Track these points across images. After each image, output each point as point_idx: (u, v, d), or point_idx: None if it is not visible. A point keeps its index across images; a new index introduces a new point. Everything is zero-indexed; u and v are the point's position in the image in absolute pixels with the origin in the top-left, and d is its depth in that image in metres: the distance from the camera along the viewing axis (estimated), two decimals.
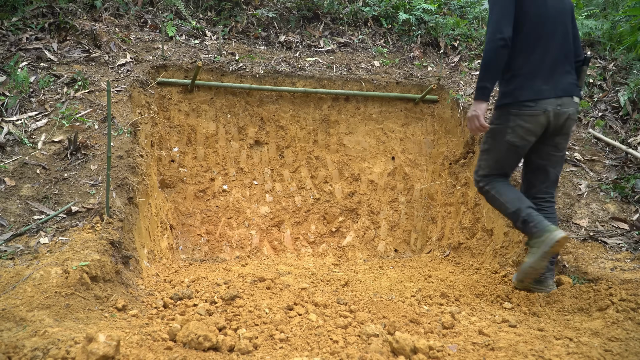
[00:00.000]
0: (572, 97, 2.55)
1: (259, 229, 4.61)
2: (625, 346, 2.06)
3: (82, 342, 1.71)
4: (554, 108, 2.50)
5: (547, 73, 2.51)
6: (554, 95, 2.48)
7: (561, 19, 2.58)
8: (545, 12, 2.52)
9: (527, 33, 2.51)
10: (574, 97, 2.57)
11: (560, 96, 2.50)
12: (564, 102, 2.52)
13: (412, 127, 5.09)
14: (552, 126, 2.54)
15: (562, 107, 2.52)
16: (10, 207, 2.95)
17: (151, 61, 4.51)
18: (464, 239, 4.30)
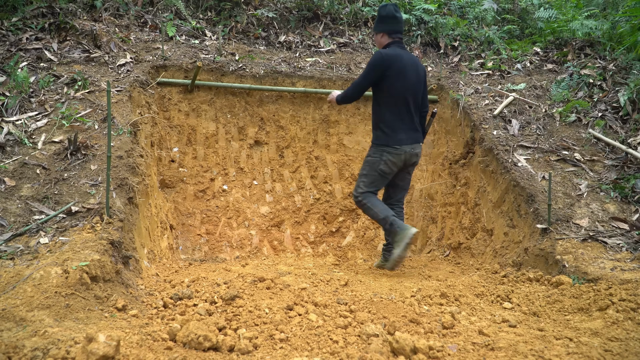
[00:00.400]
0: (419, 144, 3.66)
1: (259, 229, 4.61)
2: (625, 346, 2.06)
3: (82, 342, 1.71)
4: (409, 150, 3.59)
5: (405, 128, 3.59)
6: (409, 143, 3.59)
7: (416, 87, 3.56)
8: (404, 85, 3.50)
9: (394, 98, 3.51)
10: (419, 144, 3.67)
11: (411, 144, 3.60)
12: (414, 147, 3.61)
13: None
14: (407, 161, 3.65)
15: (412, 150, 3.61)
16: (10, 207, 2.95)
17: (151, 61, 4.51)
18: (464, 239, 4.30)
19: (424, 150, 5.05)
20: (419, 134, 3.67)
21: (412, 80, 3.51)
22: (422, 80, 3.62)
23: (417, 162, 3.74)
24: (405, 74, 3.47)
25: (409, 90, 3.51)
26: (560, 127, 4.36)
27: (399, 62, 3.44)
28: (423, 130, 3.77)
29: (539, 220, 3.44)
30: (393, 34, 3.52)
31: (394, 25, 3.51)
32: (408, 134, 3.57)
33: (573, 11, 5.95)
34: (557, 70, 5.21)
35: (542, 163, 3.96)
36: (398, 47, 3.52)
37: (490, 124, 4.41)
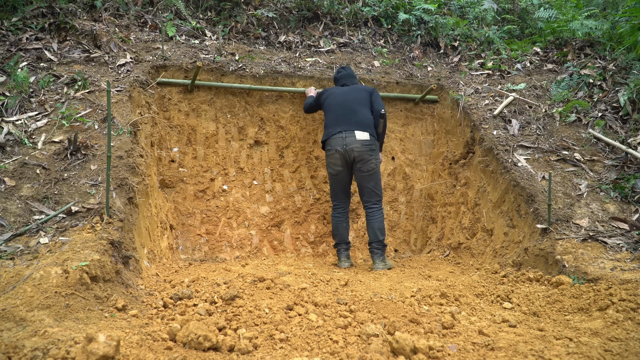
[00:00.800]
0: (354, 132, 3.94)
1: (259, 229, 4.60)
2: (625, 346, 2.06)
3: (82, 342, 1.71)
4: (341, 147, 3.95)
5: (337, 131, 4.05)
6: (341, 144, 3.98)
7: (349, 105, 4.08)
8: (337, 103, 4.12)
9: (329, 113, 4.12)
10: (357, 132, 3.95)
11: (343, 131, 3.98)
12: (347, 142, 3.93)
13: (412, 127, 5.09)
14: (348, 158, 3.98)
15: (347, 146, 3.93)
16: (10, 207, 2.95)
17: (151, 61, 4.51)
18: (464, 239, 4.30)
19: (424, 150, 5.05)
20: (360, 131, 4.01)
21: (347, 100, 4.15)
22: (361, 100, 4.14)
23: (364, 156, 3.94)
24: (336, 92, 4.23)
25: (344, 107, 4.11)
26: (560, 127, 4.36)
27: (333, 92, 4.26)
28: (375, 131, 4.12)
29: (539, 220, 3.44)
30: (336, 82, 4.42)
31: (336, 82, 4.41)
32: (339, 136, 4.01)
33: (573, 11, 5.95)
34: (557, 70, 5.21)
35: (542, 163, 3.96)
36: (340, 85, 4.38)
37: (490, 124, 4.41)
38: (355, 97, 4.13)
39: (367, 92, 4.20)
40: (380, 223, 3.99)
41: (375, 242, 3.96)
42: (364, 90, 4.21)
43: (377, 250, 3.96)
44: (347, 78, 4.39)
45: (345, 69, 4.45)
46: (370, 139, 3.96)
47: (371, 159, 3.95)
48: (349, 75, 4.42)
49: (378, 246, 3.96)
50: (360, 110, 4.04)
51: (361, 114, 4.02)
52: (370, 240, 4.00)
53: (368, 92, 4.21)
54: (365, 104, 4.11)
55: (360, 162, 3.95)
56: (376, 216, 3.99)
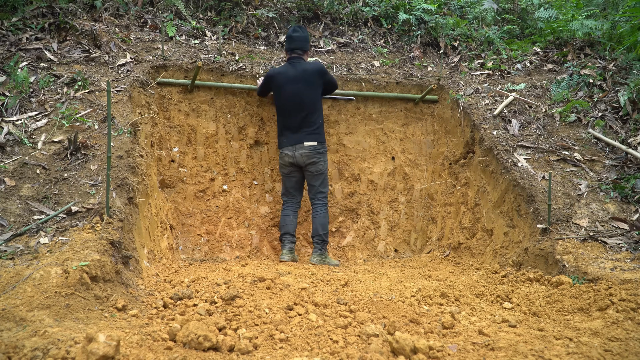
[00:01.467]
0: (303, 144, 4.14)
1: (259, 229, 4.61)
2: (625, 346, 2.06)
3: (82, 342, 1.71)
4: (291, 152, 4.18)
5: (288, 133, 4.24)
6: (289, 145, 4.20)
7: (298, 106, 4.14)
8: (286, 103, 4.20)
9: (280, 115, 4.28)
10: (305, 143, 4.15)
11: (293, 144, 4.17)
12: (296, 148, 4.16)
13: (412, 127, 5.09)
14: (297, 161, 4.20)
15: (296, 151, 4.16)
16: (10, 207, 2.95)
17: (151, 61, 4.51)
18: (464, 239, 4.30)
19: (424, 150, 5.05)
20: (305, 136, 4.16)
21: (292, 90, 4.14)
22: (309, 82, 4.15)
23: (311, 160, 4.16)
24: (284, 86, 4.17)
25: (292, 105, 4.16)
26: (560, 127, 4.36)
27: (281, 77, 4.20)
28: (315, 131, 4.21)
29: (539, 220, 3.44)
30: (288, 51, 4.30)
31: (288, 44, 4.28)
32: (289, 139, 4.19)
33: (573, 11, 5.95)
34: (557, 70, 5.21)
35: (542, 163, 3.96)
36: (289, 63, 4.26)
37: (490, 124, 4.42)
38: (304, 98, 4.14)
39: (319, 84, 4.20)
40: (322, 219, 4.18)
41: (316, 236, 4.14)
42: (313, 78, 4.16)
43: (317, 244, 4.14)
44: (300, 45, 4.24)
45: (299, 31, 4.27)
46: (318, 145, 4.17)
47: (319, 162, 4.18)
48: (303, 39, 4.25)
49: (318, 240, 4.13)
50: (309, 115, 4.16)
51: (308, 120, 4.16)
52: (312, 234, 4.19)
53: (319, 81, 4.20)
54: (316, 103, 4.19)
55: (309, 164, 4.18)
56: (320, 212, 4.20)
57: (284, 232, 4.21)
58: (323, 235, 4.13)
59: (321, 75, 4.19)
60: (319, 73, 4.18)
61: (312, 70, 4.17)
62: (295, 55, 4.25)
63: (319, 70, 4.18)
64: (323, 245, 4.14)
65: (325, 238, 4.15)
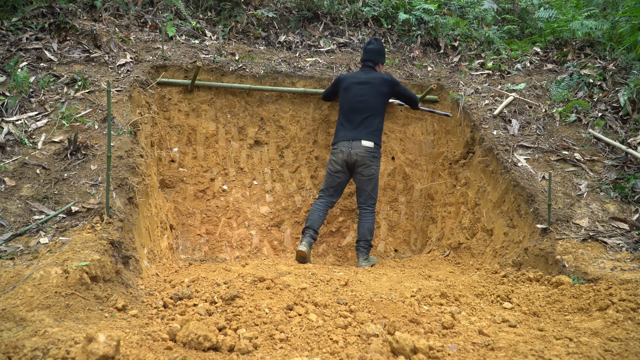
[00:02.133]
0: (360, 141, 4.14)
1: (259, 229, 4.61)
2: (625, 346, 2.06)
3: (82, 342, 1.71)
4: (347, 149, 4.15)
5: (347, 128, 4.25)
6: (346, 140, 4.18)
7: (361, 108, 4.20)
8: (350, 103, 4.25)
9: (342, 114, 4.31)
10: (362, 141, 4.15)
11: (350, 140, 4.16)
12: (353, 145, 4.15)
13: (412, 127, 5.09)
14: (350, 159, 4.17)
15: (352, 149, 4.14)
16: (10, 207, 2.95)
17: (151, 61, 4.51)
18: (464, 239, 4.30)
19: (424, 150, 5.06)
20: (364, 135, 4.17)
21: (359, 91, 4.23)
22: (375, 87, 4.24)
23: (364, 162, 4.15)
24: (351, 87, 4.27)
25: (356, 103, 4.23)
26: (560, 127, 4.36)
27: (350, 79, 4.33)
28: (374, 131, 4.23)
29: (539, 220, 3.44)
30: (362, 62, 4.45)
31: (363, 55, 4.44)
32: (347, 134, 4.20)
33: (573, 11, 5.95)
34: (557, 70, 5.21)
35: (542, 163, 3.96)
36: (361, 70, 4.40)
37: (490, 124, 4.42)
38: (370, 100, 4.21)
39: (385, 92, 4.26)
40: (370, 224, 4.19)
41: (363, 240, 4.16)
42: (381, 85, 4.24)
43: (363, 248, 4.16)
44: (371, 56, 4.36)
45: (374, 43, 4.40)
46: (374, 147, 4.17)
47: (372, 165, 4.17)
48: (375, 52, 4.37)
49: (365, 245, 4.16)
50: (371, 117, 4.20)
51: (370, 122, 4.19)
52: (359, 238, 4.19)
53: (386, 89, 4.26)
54: (379, 107, 4.24)
55: (362, 166, 4.16)
56: (368, 218, 4.21)
57: (308, 225, 4.12)
58: (370, 241, 4.18)
59: (390, 85, 4.26)
60: (388, 82, 4.26)
61: (380, 78, 4.27)
62: (366, 66, 4.38)
63: (388, 79, 4.27)
64: (369, 249, 4.19)
65: (371, 243, 4.21)
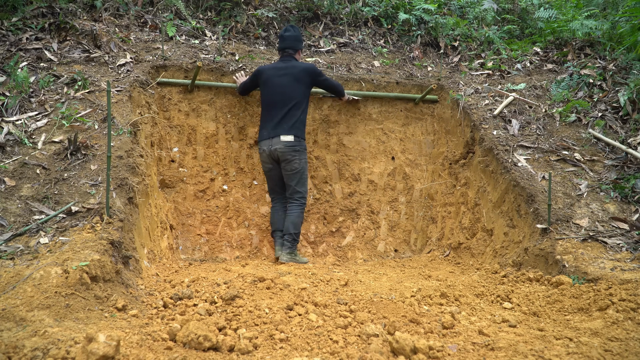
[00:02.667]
0: (279, 137, 4.09)
1: (259, 229, 4.61)
2: (625, 346, 2.06)
3: (82, 342, 1.71)
4: (267, 147, 4.13)
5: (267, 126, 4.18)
6: (267, 138, 4.15)
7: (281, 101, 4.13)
8: (270, 97, 4.20)
9: (263, 109, 4.26)
10: (281, 137, 4.09)
11: (271, 137, 4.12)
12: (273, 142, 4.10)
13: (412, 127, 5.09)
14: (272, 156, 4.16)
15: (272, 146, 4.10)
16: (10, 207, 2.95)
17: (151, 61, 4.51)
18: (464, 239, 4.30)
19: (424, 150, 5.06)
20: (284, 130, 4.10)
21: (278, 83, 4.15)
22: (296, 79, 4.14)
23: (286, 157, 4.10)
24: (270, 80, 4.18)
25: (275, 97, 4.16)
26: (560, 127, 4.36)
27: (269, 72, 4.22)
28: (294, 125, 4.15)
29: (539, 220, 3.44)
30: (280, 50, 4.34)
31: (280, 43, 4.33)
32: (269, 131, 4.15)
33: (573, 11, 5.95)
34: (557, 70, 5.21)
35: (542, 163, 3.96)
36: (280, 60, 4.30)
37: (490, 124, 4.42)
38: (289, 91, 4.13)
39: (306, 82, 4.17)
40: (296, 218, 4.15)
41: (287, 234, 4.12)
42: (301, 75, 4.15)
43: (287, 242, 4.11)
44: (290, 44, 4.26)
45: (290, 30, 4.29)
46: (295, 141, 4.11)
47: (294, 160, 4.11)
48: (293, 38, 4.27)
49: (289, 238, 4.11)
50: (292, 109, 4.13)
51: (291, 114, 4.12)
52: (284, 232, 4.15)
53: (307, 79, 4.17)
54: (300, 98, 4.15)
55: (284, 162, 4.13)
56: (294, 211, 4.18)
57: (274, 230, 4.25)
58: (294, 234, 4.11)
59: (311, 74, 4.18)
60: (309, 71, 4.17)
61: (300, 67, 4.18)
62: (286, 55, 4.28)
63: (309, 69, 4.18)
64: (293, 243, 4.12)
65: (296, 237, 4.13)
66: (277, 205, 4.33)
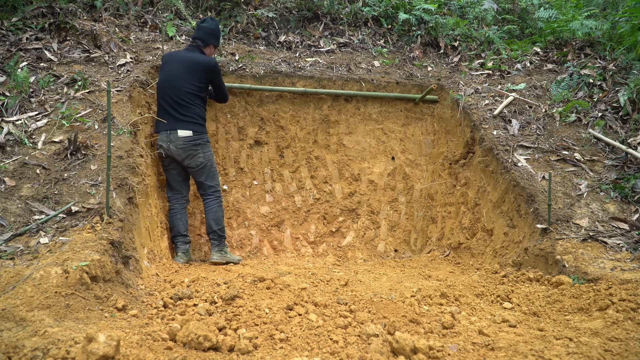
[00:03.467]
0: (177, 132, 3.80)
1: (259, 229, 4.61)
2: (625, 346, 2.06)
3: (82, 342, 1.71)
4: (166, 143, 3.83)
5: (163, 116, 3.88)
6: (164, 130, 3.85)
7: (176, 92, 3.84)
8: (166, 85, 3.89)
9: (159, 97, 3.92)
10: (179, 132, 3.80)
11: (167, 130, 3.83)
12: (171, 138, 3.81)
13: (412, 127, 5.09)
14: (172, 155, 3.87)
15: (170, 142, 3.81)
16: (10, 207, 2.95)
17: (151, 61, 4.51)
18: (464, 239, 4.30)
19: (424, 150, 5.05)
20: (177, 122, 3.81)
21: (172, 70, 3.88)
22: (190, 71, 3.85)
23: (186, 153, 3.83)
24: (167, 64, 3.93)
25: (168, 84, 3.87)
26: (560, 127, 4.36)
27: (168, 57, 4.00)
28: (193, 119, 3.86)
29: (539, 220, 3.44)
30: (191, 39, 4.11)
31: (194, 32, 4.10)
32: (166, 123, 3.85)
33: (573, 11, 5.95)
34: (557, 70, 5.21)
35: (542, 163, 3.96)
36: (186, 49, 4.08)
37: (490, 124, 4.42)
38: (183, 83, 3.83)
39: (201, 78, 3.88)
40: (214, 213, 3.92)
41: (211, 232, 3.92)
42: (199, 69, 3.87)
43: (214, 240, 3.92)
44: (202, 35, 4.01)
45: (209, 22, 4.05)
46: (194, 136, 3.83)
47: (197, 154, 3.86)
48: (208, 31, 4.01)
49: (214, 237, 3.91)
50: (187, 101, 3.84)
51: (186, 107, 3.84)
52: (207, 231, 3.96)
53: (203, 75, 3.89)
54: (195, 91, 3.87)
55: (187, 158, 3.86)
56: (211, 207, 3.95)
57: (175, 234, 3.97)
58: (218, 230, 3.91)
59: (209, 72, 3.90)
60: (208, 68, 3.89)
61: (202, 61, 3.90)
62: (193, 45, 4.04)
63: (209, 66, 3.90)
64: (221, 240, 3.92)
65: (221, 233, 3.92)
66: (176, 206, 4.02)
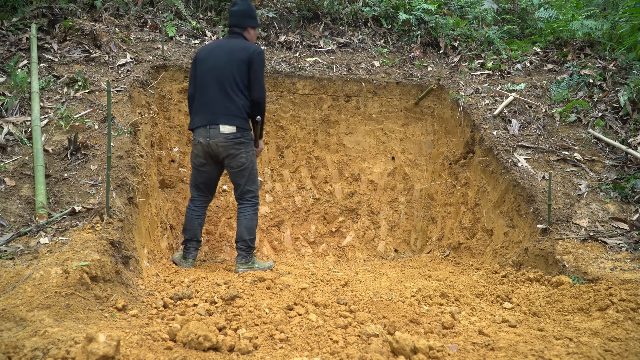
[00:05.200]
0: (218, 127, 3.40)
1: (259, 229, 4.61)
2: (625, 346, 2.06)
3: (82, 342, 1.71)
4: (204, 139, 3.43)
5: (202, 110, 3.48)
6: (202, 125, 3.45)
7: (218, 83, 3.44)
8: (207, 77, 3.48)
9: (198, 90, 3.53)
10: (221, 127, 3.40)
11: (206, 125, 3.42)
12: (211, 133, 3.41)
13: (412, 127, 5.09)
14: (212, 151, 3.48)
15: (210, 138, 3.41)
16: (10, 207, 2.95)
17: (151, 61, 4.51)
18: (464, 239, 4.30)
19: (424, 150, 5.05)
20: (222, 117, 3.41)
21: (213, 62, 3.48)
22: (233, 65, 3.43)
23: (228, 151, 3.44)
24: (206, 59, 3.53)
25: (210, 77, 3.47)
26: (560, 127, 4.36)
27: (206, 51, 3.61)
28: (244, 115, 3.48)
29: (539, 220, 3.44)
30: (229, 27, 3.70)
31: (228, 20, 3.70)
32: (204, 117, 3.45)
33: (573, 11, 5.95)
34: (557, 70, 5.21)
35: (542, 163, 3.96)
36: (225, 38, 3.74)
37: (490, 124, 4.42)
38: (227, 72, 3.43)
39: (245, 63, 3.44)
40: (249, 221, 3.55)
41: (241, 241, 3.54)
42: (243, 56, 3.44)
43: (241, 251, 3.54)
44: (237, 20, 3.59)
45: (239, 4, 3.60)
46: (237, 132, 3.42)
47: (239, 153, 3.45)
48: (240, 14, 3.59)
49: (242, 246, 3.53)
50: (230, 93, 3.42)
51: (230, 100, 3.42)
52: (236, 239, 3.57)
53: (246, 61, 3.44)
54: (239, 81, 3.44)
55: (227, 157, 3.47)
56: (246, 213, 3.56)
57: (189, 237, 3.65)
58: (249, 240, 3.52)
59: (248, 63, 3.45)
60: (254, 55, 3.46)
61: (241, 47, 3.49)
62: (232, 33, 3.63)
63: (256, 53, 3.47)
64: (249, 251, 3.55)
65: (251, 244, 3.54)
66: (197, 209, 3.68)
